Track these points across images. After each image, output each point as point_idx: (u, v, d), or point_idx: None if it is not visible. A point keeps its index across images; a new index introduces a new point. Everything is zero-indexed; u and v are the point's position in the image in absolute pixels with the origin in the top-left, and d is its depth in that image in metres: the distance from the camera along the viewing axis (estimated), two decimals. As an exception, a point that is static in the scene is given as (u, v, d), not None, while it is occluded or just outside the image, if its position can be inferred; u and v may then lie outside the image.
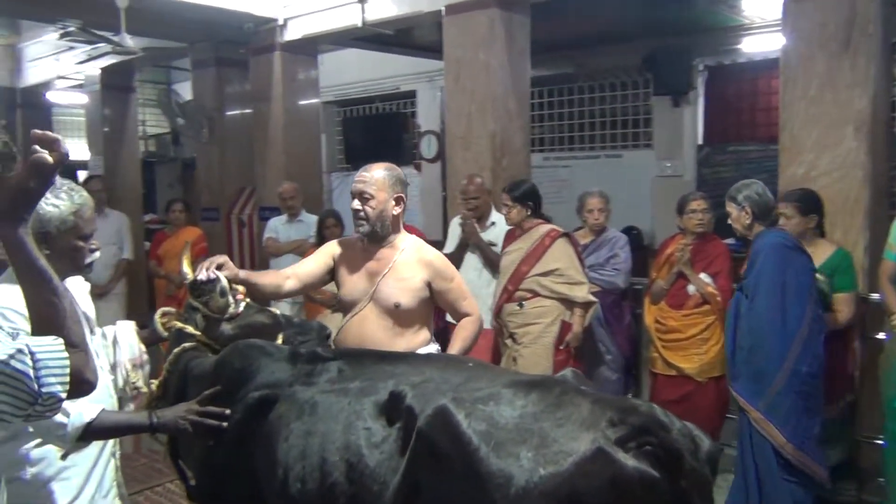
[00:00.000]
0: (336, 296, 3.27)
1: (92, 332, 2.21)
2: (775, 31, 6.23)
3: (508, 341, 4.41)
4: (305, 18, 6.74)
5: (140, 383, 2.35)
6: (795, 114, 4.27)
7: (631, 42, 8.02)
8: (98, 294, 6.63)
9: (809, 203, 3.94)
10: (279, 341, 2.53)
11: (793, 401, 3.41)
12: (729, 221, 3.83)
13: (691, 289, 4.38)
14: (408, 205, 3.11)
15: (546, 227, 4.46)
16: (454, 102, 5.72)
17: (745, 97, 8.19)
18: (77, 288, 2.14)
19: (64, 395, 1.35)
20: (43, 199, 1.93)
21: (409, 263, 2.95)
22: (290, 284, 2.97)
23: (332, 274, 3.06)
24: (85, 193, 2.07)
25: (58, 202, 1.98)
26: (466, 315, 3.06)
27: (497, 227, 4.96)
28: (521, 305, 4.35)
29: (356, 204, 2.89)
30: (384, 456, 1.81)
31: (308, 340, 2.60)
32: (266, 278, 2.96)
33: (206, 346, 2.50)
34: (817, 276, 3.71)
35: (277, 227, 6.16)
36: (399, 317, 2.93)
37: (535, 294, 4.33)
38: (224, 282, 2.53)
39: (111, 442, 2.23)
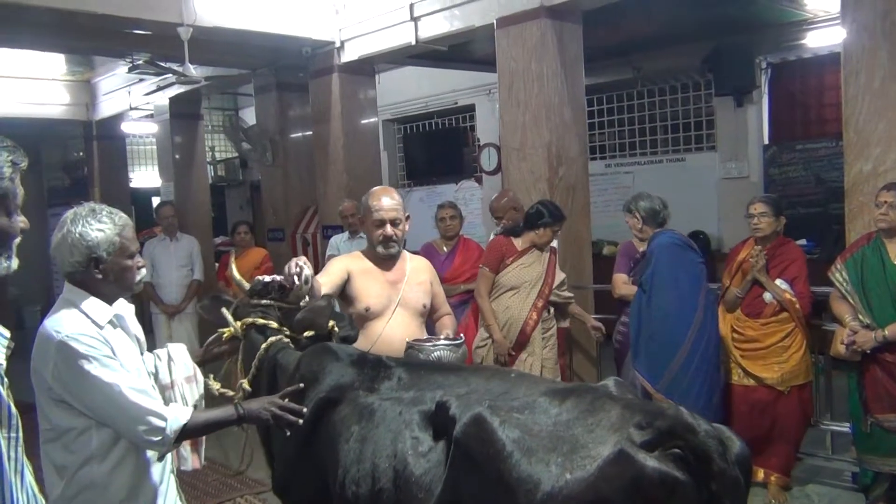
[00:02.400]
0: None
1: (142, 352, 2.30)
2: (839, 24, 6.04)
3: (524, 354, 4.41)
4: (361, 39, 6.87)
5: (195, 395, 2.45)
6: (859, 108, 4.12)
7: (690, 43, 7.88)
8: (171, 314, 6.87)
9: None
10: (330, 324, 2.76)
11: (690, 379, 3.90)
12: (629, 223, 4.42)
13: (768, 296, 4.21)
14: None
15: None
16: (508, 114, 5.73)
17: (811, 93, 7.94)
18: (125, 310, 2.22)
19: None
20: (85, 224, 2.05)
21: (417, 270, 3.30)
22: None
23: (341, 289, 3.19)
24: (123, 214, 2.18)
25: (102, 226, 2.08)
26: (446, 314, 3.43)
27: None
28: (549, 313, 4.56)
29: (390, 231, 3.15)
30: (430, 465, 1.85)
31: (343, 326, 2.88)
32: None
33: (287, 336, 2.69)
34: None
35: (339, 245, 6.25)
36: (423, 316, 3.29)
37: (554, 305, 4.59)
38: (308, 270, 2.73)
39: (169, 458, 2.31)
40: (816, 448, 4.62)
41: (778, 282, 4.19)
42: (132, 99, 9.47)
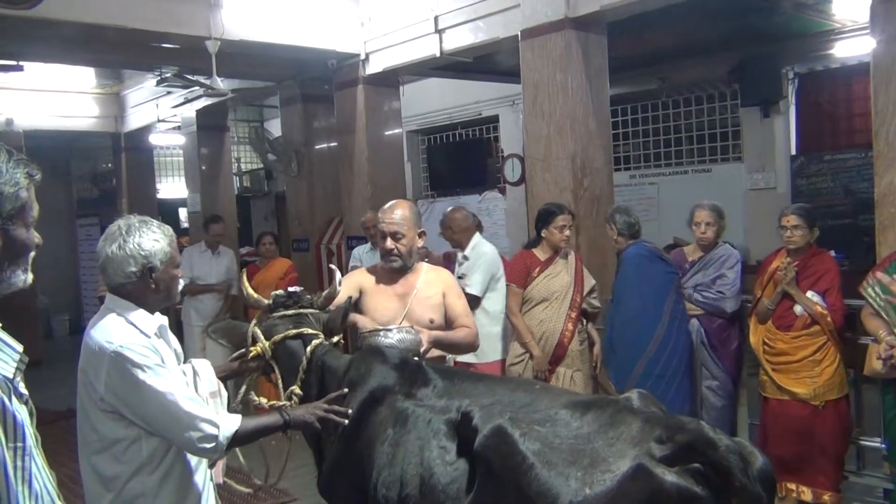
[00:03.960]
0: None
1: (180, 363, 2.33)
2: (868, 34, 5.97)
3: (562, 367, 4.39)
4: (386, 52, 6.91)
5: (220, 408, 2.46)
6: (890, 118, 4.06)
7: (716, 53, 7.83)
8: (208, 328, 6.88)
9: None
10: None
11: (653, 382, 4.05)
12: (613, 238, 4.57)
13: (798, 309, 4.14)
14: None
15: (570, 250, 4.62)
16: (532, 125, 5.72)
17: (840, 103, 7.85)
18: (164, 322, 2.25)
19: None
20: (141, 234, 2.07)
21: (429, 283, 3.28)
22: None
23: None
24: (168, 226, 2.22)
25: (157, 236, 2.12)
26: (462, 326, 3.31)
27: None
28: (582, 324, 4.55)
29: (389, 244, 3.18)
30: (456, 474, 1.87)
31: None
32: None
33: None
34: None
35: (362, 256, 6.27)
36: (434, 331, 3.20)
37: (584, 314, 4.57)
38: (340, 275, 2.90)
39: (207, 468, 2.33)
40: (847, 463, 4.54)
41: (809, 294, 4.12)
42: (160, 111, 9.61)
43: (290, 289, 2.85)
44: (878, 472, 4.36)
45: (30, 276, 1.44)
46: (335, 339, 2.76)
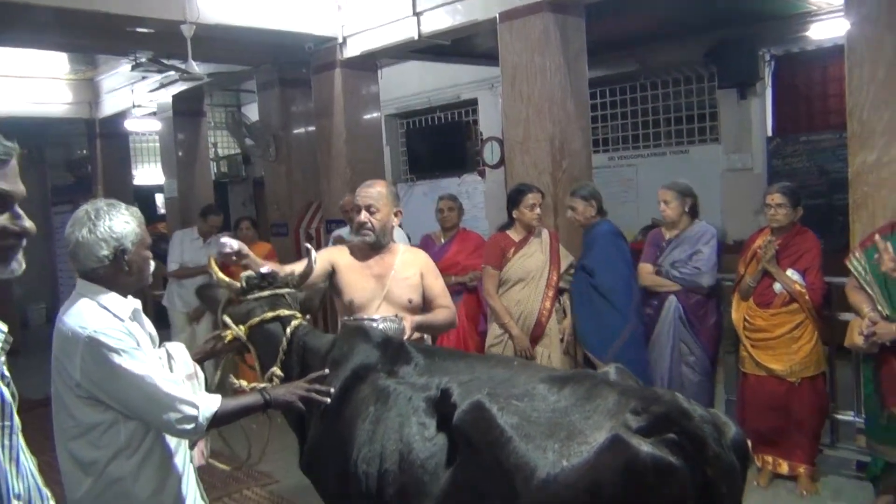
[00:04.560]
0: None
1: (154, 347, 2.32)
2: (843, 16, 6.02)
3: (540, 347, 4.43)
4: (364, 35, 6.86)
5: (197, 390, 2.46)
6: (864, 99, 4.11)
7: (693, 35, 7.86)
8: (195, 318, 6.81)
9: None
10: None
11: (635, 350, 4.38)
12: (570, 214, 4.69)
13: (777, 287, 4.23)
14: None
15: (544, 229, 4.65)
16: (511, 108, 5.72)
17: (815, 85, 7.92)
18: (138, 305, 2.23)
19: None
20: (110, 217, 2.06)
21: (406, 264, 3.29)
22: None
23: (328, 280, 3.25)
24: (134, 208, 2.20)
25: (126, 218, 2.11)
26: (441, 307, 3.34)
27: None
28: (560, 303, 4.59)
29: (363, 216, 3.20)
30: (435, 449, 1.89)
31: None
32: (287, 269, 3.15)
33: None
34: None
35: (342, 239, 6.26)
36: (412, 311, 3.23)
37: (563, 292, 4.60)
38: (315, 253, 2.92)
39: (187, 450, 2.34)
40: (821, 437, 4.62)
41: (789, 272, 4.19)
42: (135, 97, 9.48)
43: (263, 269, 2.84)
44: (852, 445, 4.47)
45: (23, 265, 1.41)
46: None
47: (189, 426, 2.08)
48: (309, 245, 3.19)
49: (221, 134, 12.91)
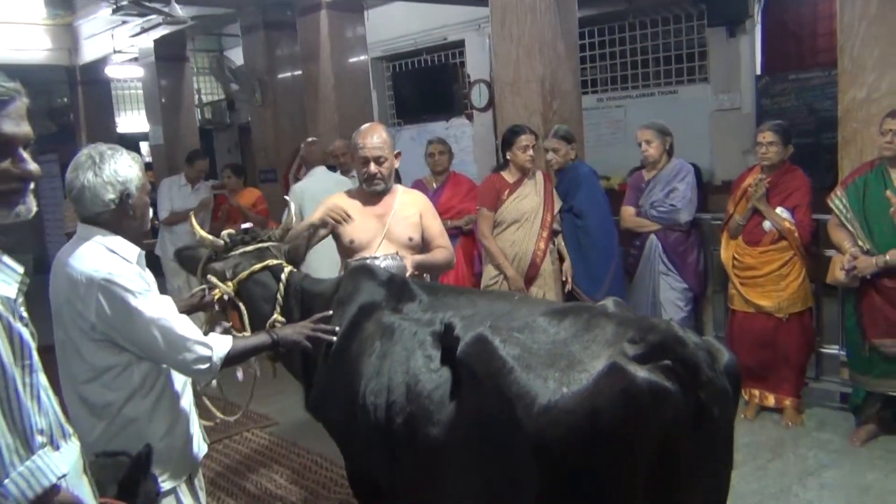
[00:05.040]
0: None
1: None
2: (834, -50, 5.95)
3: (534, 287, 4.47)
4: (348, -26, 6.75)
5: None
6: (855, 34, 4.10)
7: (682, -27, 7.78)
8: None
9: None
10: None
11: (621, 281, 4.68)
12: (550, 156, 4.72)
13: (767, 225, 4.28)
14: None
15: (538, 170, 4.62)
16: (501, 48, 5.66)
17: (805, 22, 7.86)
18: (141, 251, 2.24)
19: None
20: (114, 161, 2.05)
21: (405, 204, 3.32)
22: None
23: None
24: (134, 153, 2.19)
25: (130, 162, 2.10)
26: (440, 247, 3.37)
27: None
28: (554, 244, 4.60)
29: (374, 168, 3.20)
30: (440, 380, 1.95)
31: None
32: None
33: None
34: None
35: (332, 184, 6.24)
36: (412, 249, 3.28)
37: (557, 233, 4.63)
38: (293, 206, 2.97)
39: (191, 393, 2.38)
40: (807, 370, 4.74)
41: (779, 210, 4.24)
42: (116, 42, 9.29)
43: (243, 226, 2.87)
44: (836, 377, 4.58)
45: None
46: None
47: (204, 366, 2.12)
48: (287, 197, 3.19)
49: (205, 80, 12.70)
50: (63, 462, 1.31)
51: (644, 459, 1.55)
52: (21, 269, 1.36)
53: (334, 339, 2.36)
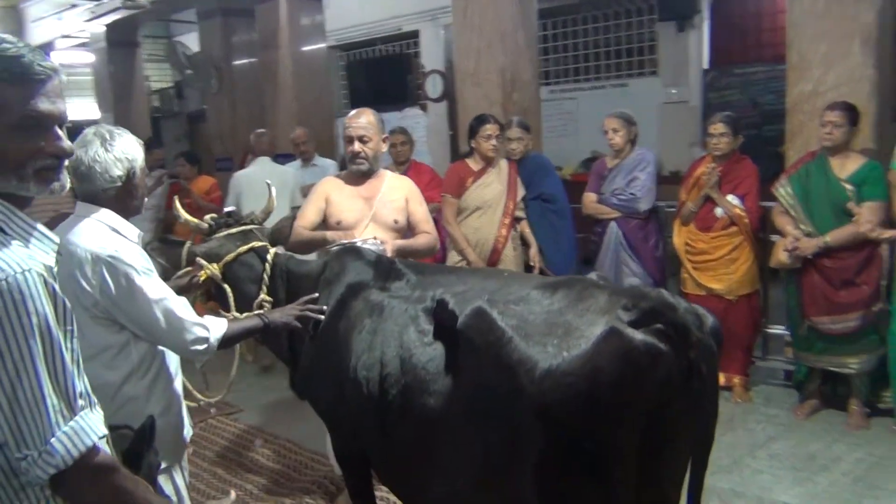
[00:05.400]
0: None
1: None
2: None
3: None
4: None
5: None
6: (803, 30, 4.33)
7: (633, -32, 8.00)
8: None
9: (856, 114, 4.03)
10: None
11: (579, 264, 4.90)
12: (514, 146, 4.75)
13: (719, 211, 4.48)
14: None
15: (502, 160, 4.70)
16: (462, 39, 5.76)
17: (750, 18, 8.18)
18: (140, 233, 2.27)
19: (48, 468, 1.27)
20: (121, 140, 2.09)
21: (392, 188, 3.42)
22: None
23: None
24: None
25: (136, 143, 2.14)
26: (423, 233, 3.46)
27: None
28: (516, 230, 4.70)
29: (357, 146, 3.30)
30: (436, 353, 2.04)
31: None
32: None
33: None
34: (845, 185, 3.96)
35: (294, 173, 6.26)
36: (398, 231, 3.38)
37: (519, 220, 4.71)
38: (274, 189, 3.04)
39: (181, 376, 2.43)
40: (754, 350, 4.98)
41: (729, 197, 4.45)
42: (64, 26, 9.08)
43: (226, 209, 2.92)
44: (780, 356, 4.84)
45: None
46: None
47: (202, 347, 2.18)
48: (268, 181, 3.25)
49: (152, 67, 12.48)
50: (101, 424, 1.37)
51: (640, 416, 1.68)
52: (57, 239, 1.41)
53: (322, 317, 2.44)
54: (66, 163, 1.41)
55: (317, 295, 2.53)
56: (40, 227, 1.37)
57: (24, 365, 1.23)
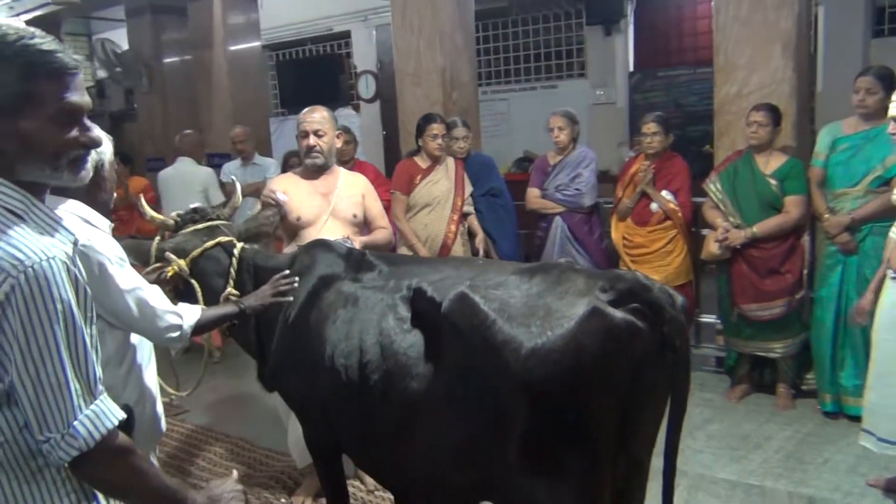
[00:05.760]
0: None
1: None
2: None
3: None
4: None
5: None
6: (728, 35, 4.59)
7: (561, -27, 8.24)
8: None
9: (779, 114, 4.30)
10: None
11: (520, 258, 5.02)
12: (461, 145, 4.90)
13: (654, 206, 4.71)
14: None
15: (449, 158, 4.83)
16: (402, 40, 5.84)
17: (672, 23, 8.55)
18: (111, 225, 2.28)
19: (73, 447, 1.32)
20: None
21: (349, 184, 3.53)
22: None
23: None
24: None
25: (106, 139, 2.13)
26: (381, 227, 3.61)
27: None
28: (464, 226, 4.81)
29: (312, 140, 3.40)
30: (415, 339, 2.12)
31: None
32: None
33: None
34: (770, 180, 4.23)
35: (233, 172, 6.22)
36: (356, 226, 3.49)
37: (467, 215, 4.83)
38: (239, 185, 3.15)
39: (154, 367, 2.44)
40: (706, 340, 5.24)
41: (664, 193, 4.68)
42: (-22, 21, 8.72)
43: (192, 205, 2.94)
44: (713, 344, 5.11)
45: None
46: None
47: (175, 334, 2.20)
48: (233, 177, 3.31)
49: (72, 65, 12.04)
50: (118, 408, 1.41)
51: (619, 387, 1.82)
52: (74, 230, 1.44)
53: (296, 285, 2.49)
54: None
55: (288, 272, 2.56)
56: (56, 215, 1.41)
57: (48, 350, 1.27)
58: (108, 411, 1.36)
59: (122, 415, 1.41)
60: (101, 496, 1.42)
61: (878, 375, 3.26)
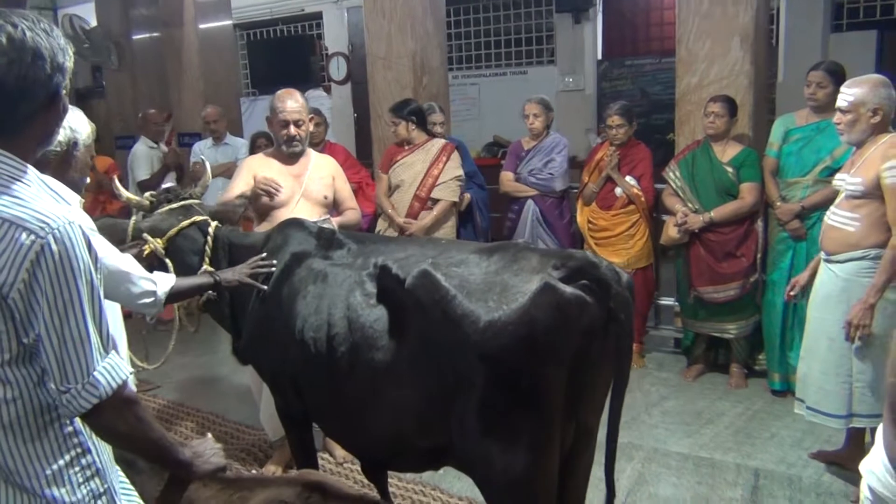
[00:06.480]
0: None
1: None
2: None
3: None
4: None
5: None
6: (690, 28, 4.74)
7: (532, -40, 8.34)
8: None
9: (735, 106, 4.47)
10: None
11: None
12: (437, 130, 5.01)
13: (619, 191, 4.88)
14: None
15: (441, 141, 4.88)
16: (373, 23, 5.89)
17: (639, 13, 8.71)
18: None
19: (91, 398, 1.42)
20: (71, 115, 2.16)
21: (319, 166, 3.62)
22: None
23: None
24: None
25: (85, 120, 2.21)
26: (350, 208, 3.72)
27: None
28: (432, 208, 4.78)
29: (293, 131, 3.48)
30: (381, 314, 2.24)
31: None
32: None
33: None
34: (726, 168, 4.40)
35: (204, 152, 6.24)
36: (326, 207, 3.60)
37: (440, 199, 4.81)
38: (209, 165, 3.26)
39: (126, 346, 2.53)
40: (647, 319, 5.41)
41: (628, 178, 4.85)
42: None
43: (165, 185, 3.02)
44: (671, 325, 5.31)
45: None
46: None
47: (149, 300, 2.29)
48: (203, 157, 3.37)
49: (37, 40, 11.87)
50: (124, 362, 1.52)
51: (569, 356, 1.96)
52: (72, 199, 1.55)
53: (273, 269, 2.60)
54: None
55: (265, 254, 2.67)
56: (57, 186, 1.52)
57: (73, 305, 1.37)
58: (120, 364, 1.46)
59: (131, 368, 1.52)
60: (94, 452, 1.52)
61: (807, 349, 3.44)
